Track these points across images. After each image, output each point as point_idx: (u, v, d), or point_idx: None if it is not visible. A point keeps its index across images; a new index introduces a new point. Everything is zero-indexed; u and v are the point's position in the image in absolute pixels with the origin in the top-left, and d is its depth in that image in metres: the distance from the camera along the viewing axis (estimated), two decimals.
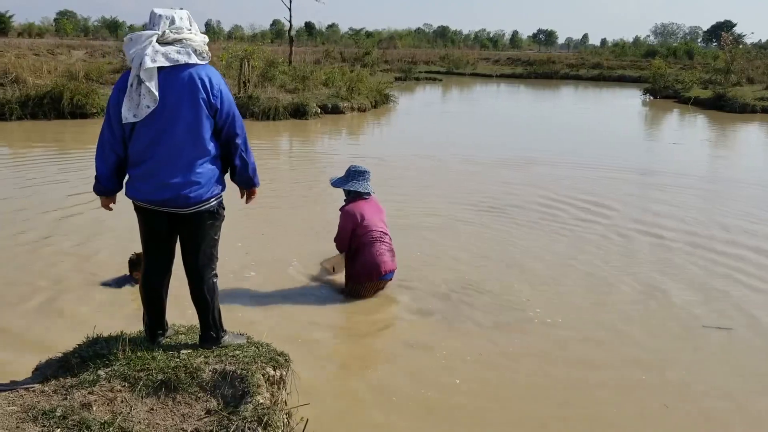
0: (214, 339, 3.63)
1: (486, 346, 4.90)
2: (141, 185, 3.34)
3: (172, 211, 3.37)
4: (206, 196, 3.38)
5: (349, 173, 5.78)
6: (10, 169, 10.46)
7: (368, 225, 5.57)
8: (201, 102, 3.27)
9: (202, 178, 3.34)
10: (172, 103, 3.24)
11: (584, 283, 6.29)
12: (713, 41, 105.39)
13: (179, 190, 3.29)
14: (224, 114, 3.37)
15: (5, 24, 79.88)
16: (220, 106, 3.34)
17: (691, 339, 5.15)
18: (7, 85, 16.52)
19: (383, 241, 5.62)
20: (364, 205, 5.68)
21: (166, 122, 3.25)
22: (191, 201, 3.33)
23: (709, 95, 27.20)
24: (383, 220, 5.78)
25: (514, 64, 53.88)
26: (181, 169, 3.29)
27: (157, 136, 3.26)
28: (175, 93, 3.24)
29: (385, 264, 5.57)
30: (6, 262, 6.13)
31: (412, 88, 35.10)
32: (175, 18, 3.34)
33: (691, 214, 9.02)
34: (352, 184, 5.72)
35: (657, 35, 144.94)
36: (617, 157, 13.82)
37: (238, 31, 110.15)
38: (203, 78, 3.29)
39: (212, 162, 3.41)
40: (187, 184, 3.30)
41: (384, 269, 5.56)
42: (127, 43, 3.32)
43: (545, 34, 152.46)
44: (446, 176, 11.29)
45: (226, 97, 3.38)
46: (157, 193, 3.31)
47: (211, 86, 3.31)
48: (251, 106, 17.71)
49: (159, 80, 3.22)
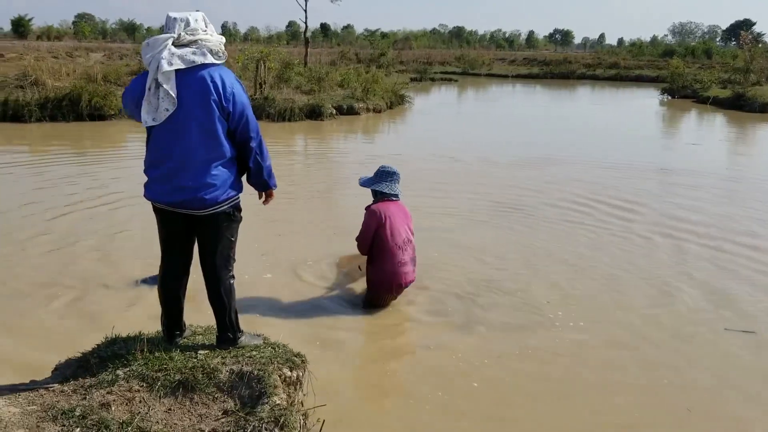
0: (230, 340, 3.64)
1: (505, 348, 4.85)
2: (158, 187, 3.36)
3: (188, 212, 3.39)
4: (221, 198, 3.39)
5: (378, 173, 5.63)
6: (29, 169, 10.56)
7: (392, 229, 5.35)
8: (213, 104, 3.28)
9: (217, 180, 3.35)
10: (186, 105, 3.26)
11: (606, 285, 6.20)
12: (732, 40, 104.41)
13: (194, 192, 3.31)
14: (237, 116, 3.37)
15: (24, 27, 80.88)
16: (232, 109, 3.34)
17: (713, 342, 5.08)
18: (26, 87, 16.70)
19: (405, 250, 5.38)
20: (391, 206, 5.48)
21: (180, 124, 3.27)
22: (207, 203, 3.34)
23: (728, 95, 26.94)
24: (409, 225, 5.56)
25: (530, 65, 53.70)
26: (196, 171, 3.30)
27: (172, 138, 3.29)
28: (188, 95, 3.26)
29: (405, 276, 5.37)
30: (30, 262, 6.18)
31: (427, 88, 35.08)
32: (190, 20, 3.36)
33: (714, 214, 8.92)
34: (379, 185, 5.58)
35: (675, 35, 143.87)
36: (636, 156, 13.72)
37: (254, 33, 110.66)
38: (216, 80, 3.30)
39: (228, 164, 3.41)
40: (202, 186, 3.31)
41: (404, 281, 5.38)
42: (144, 47, 3.36)
43: (561, 34, 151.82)
44: (463, 175, 11.26)
45: (239, 100, 3.38)
46: (173, 194, 3.32)
47: (223, 88, 3.31)
48: (267, 108, 17.77)
49: (177, 83, 3.24)
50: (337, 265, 6.33)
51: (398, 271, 5.32)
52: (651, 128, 20.50)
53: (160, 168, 3.34)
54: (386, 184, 5.56)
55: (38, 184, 9.41)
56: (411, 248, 5.47)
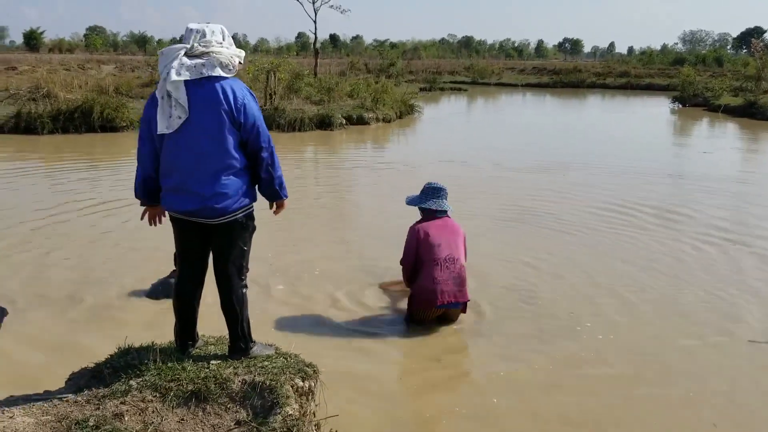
0: (243, 350, 3.64)
1: (526, 361, 4.74)
2: (171, 196, 3.40)
3: (201, 221, 3.41)
4: (233, 208, 3.41)
5: (425, 190, 5.42)
6: (45, 178, 10.64)
7: (432, 245, 5.13)
8: (224, 114, 3.31)
9: (228, 190, 3.37)
10: (196, 116, 3.30)
11: (635, 295, 6.05)
12: (743, 48, 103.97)
13: (206, 202, 3.33)
14: (248, 127, 3.39)
15: (37, 40, 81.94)
16: (243, 120, 3.37)
17: (738, 354, 4.95)
18: (39, 99, 16.87)
19: (447, 267, 5.09)
20: (435, 223, 5.27)
21: (191, 134, 3.30)
22: (218, 212, 3.37)
23: (739, 103, 26.78)
24: (456, 243, 5.23)
25: (540, 74, 53.68)
26: (207, 180, 3.33)
27: (183, 148, 3.32)
28: (199, 105, 3.30)
29: (443, 294, 5.05)
30: (42, 272, 6.22)
31: (437, 98, 35.13)
32: (206, 31, 3.40)
33: (738, 220, 8.86)
34: (426, 203, 5.36)
35: (685, 43, 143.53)
36: (655, 162, 13.73)
37: (264, 44, 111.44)
38: (227, 91, 3.33)
39: (239, 174, 3.43)
40: (213, 195, 3.34)
41: (442, 299, 5.05)
42: (160, 57, 3.42)
43: (571, 43, 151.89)
44: (481, 182, 11.28)
45: (251, 111, 3.40)
46: (185, 203, 3.36)
47: (234, 99, 3.34)
48: (277, 118, 17.86)
49: (187, 92, 3.28)
50: (353, 277, 6.30)
51: (435, 289, 5.05)
52: (664, 136, 20.46)
53: (172, 177, 3.38)
54: (434, 201, 5.35)
55: (53, 190, 9.48)
56: (456, 267, 5.14)
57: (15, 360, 4.53)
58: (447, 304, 5.11)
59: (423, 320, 5.26)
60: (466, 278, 5.20)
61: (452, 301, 5.11)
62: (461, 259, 5.21)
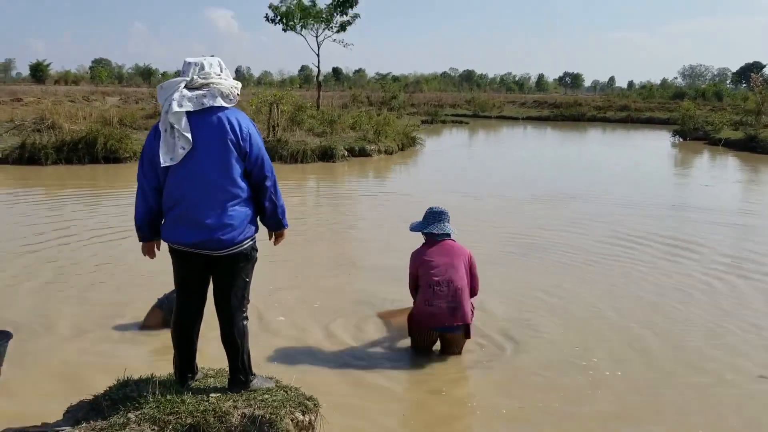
0: (242, 382, 3.60)
1: (531, 398, 4.62)
2: (175, 227, 3.39)
3: (205, 253, 3.40)
4: (239, 239, 3.41)
5: (426, 215, 5.42)
6: (47, 207, 10.66)
7: (429, 268, 5.13)
8: (230, 144, 3.33)
9: (234, 221, 3.37)
10: (202, 146, 3.31)
11: (643, 329, 5.93)
12: (742, 83, 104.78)
13: (212, 233, 3.33)
14: (254, 157, 3.42)
15: (43, 72, 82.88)
16: (249, 150, 3.39)
17: (754, 391, 4.82)
18: (43, 130, 16.98)
19: (441, 289, 5.05)
20: (434, 247, 5.26)
21: (197, 165, 3.32)
22: (225, 243, 3.37)
23: (740, 137, 26.91)
24: (455, 264, 5.16)
25: (540, 107, 54.08)
26: (213, 211, 3.33)
27: (189, 179, 3.33)
28: (205, 135, 3.32)
29: (435, 317, 5.04)
30: (41, 300, 6.19)
31: (438, 130, 35.33)
32: (205, 64, 3.45)
33: (745, 254, 8.82)
34: (427, 227, 5.36)
35: (685, 77, 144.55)
36: (655, 194, 13.74)
37: (267, 76, 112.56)
38: (232, 121, 3.36)
39: (244, 204, 3.44)
40: (219, 226, 3.34)
41: (434, 322, 5.05)
42: (159, 91, 3.47)
43: (571, 77, 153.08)
44: (486, 213, 11.29)
45: (255, 141, 3.43)
46: (191, 235, 3.35)
47: (240, 129, 3.37)
48: (280, 149, 17.95)
49: (190, 124, 3.30)
50: (353, 310, 6.26)
51: (426, 311, 5.07)
52: (666, 169, 20.50)
53: (177, 208, 3.38)
54: (435, 225, 5.35)
55: (55, 217, 9.49)
56: (450, 289, 5.06)
57: (13, 391, 4.48)
58: (441, 327, 5.07)
59: (422, 345, 5.23)
60: (463, 301, 5.09)
61: (446, 325, 5.05)
62: (458, 281, 5.11)
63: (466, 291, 5.15)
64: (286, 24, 27.38)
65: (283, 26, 27.49)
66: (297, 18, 27.11)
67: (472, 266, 5.30)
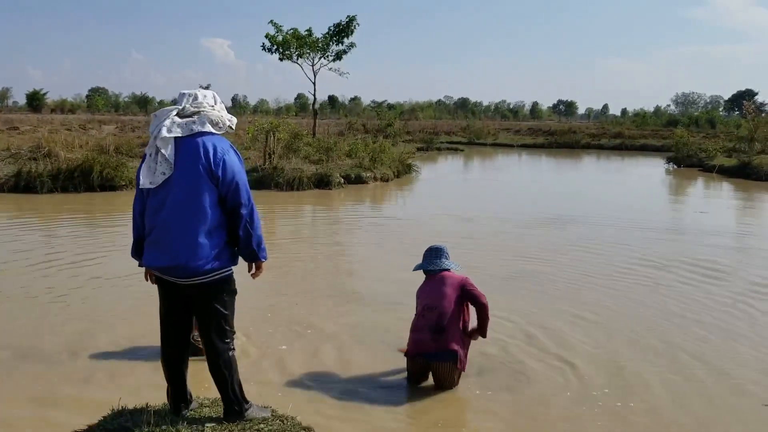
0: (237, 413, 3.56)
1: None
2: (150, 251, 3.41)
3: (173, 280, 3.38)
4: (205, 269, 3.36)
5: (425, 254, 5.38)
6: (40, 234, 10.61)
7: (419, 299, 5.19)
8: (201, 169, 3.32)
9: (201, 249, 3.32)
10: (179, 171, 3.33)
11: (652, 357, 5.76)
12: (735, 110, 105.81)
13: (177, 260, 3.31)
14: (228, 181, 3.37)
15: (39, 101, 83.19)
16: (221, 174, 3.35)
17: (752, 420, 4.68)
18: (39, 159, 16.96)
19: (424, 315, 4.97)
20: (429, 281, 5.24)
21: (171, 190, 3.33)
22: (189, 271, 3.33)
23: (733, 163, 27.07)
24: (443, 292, 5.01)
25: (535, 134, 54.34)
26: (180, 237, 3.31)
27: (162, 204, 3.35)
28: (182, 161, 3.34)
29: (419, 343, 4.93)
30: (42, 325, 6.12)
31: (434, 158, 35.45)
32: (199, 95, 3.49)
33: (750, 277, 8.80)
34: (424, 266, 5.32)
35: (678, 105, 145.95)
36: (656, 218, 13.71)
37: (263, 105, 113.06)
38: (208, 146, 3.36)
39: (214, 232, 3.39)
40: (185, 253, 3.30)
41: (416, 348, 4.94)
42: (152, 118, 3.50)
43: (565, 104, 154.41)
44: (488, 236, 11.30)
45: (230, 166, 3.39)
46: (160, 259, 3.36)
47: (214, 154, 3.35)
48: (276, 177, 17.99)
49: (176, 149, 3.32)
50: (351, 339, 6.17)
51: (411, 338, 5.03)
52: (662, 195, 20.58)
53: (153, 233, 3.39)
54: (433, 262, 5.27)
55: (48, 244, 9.44)
56: (433, 315, 4.91)
57: (2, 419, 4.39)
58: (424, 354, 4.87)
59: (413, 376, 5.08)
60: (448, 326, 4.85)
61: (429, 351, 4.84)
62: (443, 307, 4.91)
63: (454, 318, 4.93)
64: (283, 53, 27.58)
65: (279, 55, 27.70)
66: (293, 47, 27.33)
67: (467, 288, 5.07)
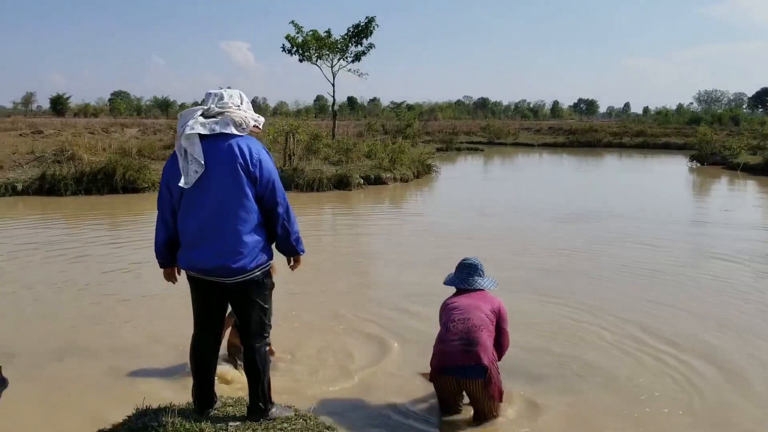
0: (261, 411, 3.57)
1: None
2: (188, 254, 3.41)
3: (217, 280, 3.40)
4: (250, 266, 3.40)
5: (458, 267, 4.92)
6: (64, 236, 10.75)
7: (450, 310, 4.58)
8: (239, 169, 3.35)
9: (245, 248, 3.37)
10: (213, 171, 3.35)
11: (708, 357, 5.59)
12: (759, 107, 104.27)
13: (222, 260, 3.33)
14: (264, 182, 3.43)
15: (63, 105, 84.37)
16: (259, 175, 3.40)
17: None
18: (63, 162, 17.20)
19: (455, 326, 4.38)
20: (461, 295, 4.73)
21: (208, 190, 3.35)
22: (234, 271, 3.36)
23: (758, 161, 26.70)
24: (478, 305, 4.52)
25: (555, 134, 54.02)
26: (224, 238, 3.34)
27: (201, 205, 3.36)
28: (216, 161, 3.35)
29: (446, 356, 4.32)
30: (66, 327, 6.20)
31: (453, 158, 35.37)
32: (224, 95, 3.51)
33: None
34: (457, 282, 4.84)
35: (701, 102, 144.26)
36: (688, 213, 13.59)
37: (283, 107, 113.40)
38: (242, 147, 3.39)
39: (256, 230, 3.44)
40: (230, 253, 3.34)
41: (444, 361, 4.33)
42: (179, 118, 3.54)
43: (586, 103, 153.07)
44: (506, 233, 11.31)
45: (266, 166, 3.45)
46: (203, 262, 3.36)
47: (250, 155, 3.39)
48: (296, 178, 18.08)
49: (203, 149, 3.34)
50: (373, 342, 6.14)
51: (437, 351, 4.43)
52: (685, 194, 20.33)
53: (189, 234, 3.40)
54: (467, 281, 4.81)
55: (71, 246, 9.56)
56: (465, 325, 4.37)
57: (32, 417, 4.46)
58: (454, 368, 4.28)
59: (444, 400, 4.55)
60: (480, 338, 4.29)
61: (459, 364, 4.25)
62: (475, 319, 4.40)
63: (488, 332, 4.40)
64: (302, 54, 27.66)
65: (299, 57, 27.78)
66: (313, 49, 27.40)
67: (501, 317, 4.60)
